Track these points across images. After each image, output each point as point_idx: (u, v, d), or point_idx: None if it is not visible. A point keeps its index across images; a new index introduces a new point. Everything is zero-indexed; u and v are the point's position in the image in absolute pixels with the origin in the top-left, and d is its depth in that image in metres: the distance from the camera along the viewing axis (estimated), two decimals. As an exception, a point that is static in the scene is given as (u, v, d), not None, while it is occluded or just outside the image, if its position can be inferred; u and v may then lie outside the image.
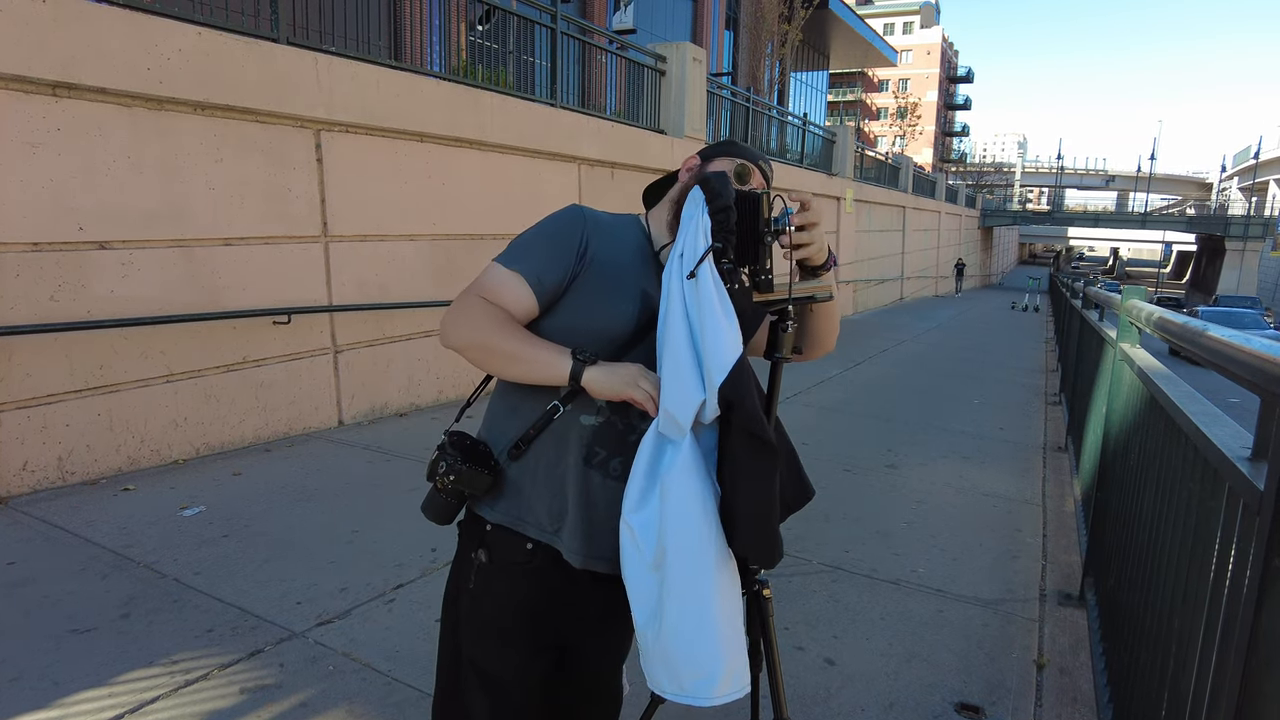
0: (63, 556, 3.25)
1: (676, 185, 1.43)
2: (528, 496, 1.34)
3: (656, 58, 9.54)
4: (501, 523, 1.35)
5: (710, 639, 1.25)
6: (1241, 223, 42.97)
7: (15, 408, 3.91)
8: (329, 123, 5.29)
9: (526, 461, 1.34)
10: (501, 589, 1.37)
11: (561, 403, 1.30)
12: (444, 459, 1.31)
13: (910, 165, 23.72)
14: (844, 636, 2.91)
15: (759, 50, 21.37)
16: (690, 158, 1.44)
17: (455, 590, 1.43)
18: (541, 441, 1.33)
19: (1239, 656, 1.07)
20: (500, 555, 1.36)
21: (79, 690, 2.33)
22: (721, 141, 1.47)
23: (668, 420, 1.21)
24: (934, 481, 4.97)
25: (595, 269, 1.33)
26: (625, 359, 1.32)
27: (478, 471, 1.31)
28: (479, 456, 1.34)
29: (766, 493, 1.28)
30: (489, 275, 1.33)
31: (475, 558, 1.37)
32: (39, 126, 3.90)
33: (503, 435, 1.38)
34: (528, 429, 1.33)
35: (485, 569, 1.36)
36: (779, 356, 1.52)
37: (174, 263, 4.52)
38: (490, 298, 1.31)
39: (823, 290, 1.37)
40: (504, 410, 1.40)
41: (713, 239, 1.21)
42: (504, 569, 1.36)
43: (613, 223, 1.42)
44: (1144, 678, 1.84)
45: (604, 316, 1.32)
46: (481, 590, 1.37)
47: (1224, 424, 1.53)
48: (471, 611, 1.38)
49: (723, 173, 1.28)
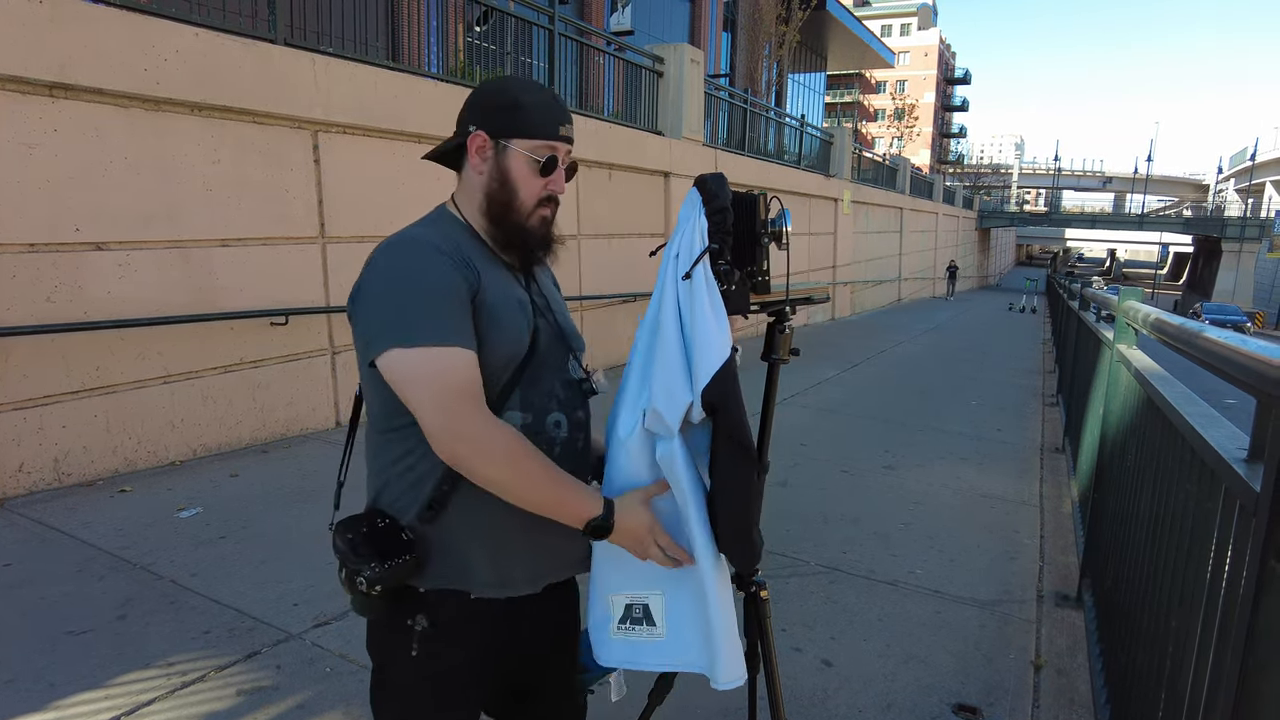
0: (59, 558, 3.25)
1: (469, 168, 1.24)
2: (461, 555, 1.19)
3: (654, 59, 9.55)
4: (438, 587, 1.19)
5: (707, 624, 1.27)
6: (1238, 224, 43.10)
7: (12, 409, 3.90)
8: (326, 124, 5.29)
9: (447, 519, 1.18)
10: (451, 651, 1.22)
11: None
12: (360, 571, 1.11)
13: (908, 167, 23.76)
14: (841, 638, 2.91)
15: (757, 52, 21.39)
16: (477, 134, 1.21)
17: (384, 662, 1.26)
18: (459, 494, 1.17)
19: (1236, 657, 1.08)
20: (444, 616, 1.20)
21: (75, 692, 2.32)
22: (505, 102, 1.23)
23: (655, 419, 1.21)
24: (932, 483, 4.97)
25: (483, 304, 1.17)
26: (527, 375, 1.22)
27: (402, 563, 1.13)
28: (392, 545, 1.14)
29: (746, 497, 1.28)
30: (441, 365, 1.10)
31: (414, 624, 1.19)
32: (36, 127, 3.89)
33: (404, 496, 1.19)
34: (436, 486, 1.16)
35: (427, 634, 1.19)
36: (776, 358, 1.52)
37: (171, 264, 4.52)
38: (469, 392, 1.12)
39: (820, 291, 1.37)
40: (392, 463, 1.20)
41: (710, 240, 1.21)
42: (450, 629, 1.21)
43: (454, 239, 1.20)
44: (1141, 679, 1.84)
45: (507, 344, 1.19)
46: (426, 655, 1.21)
47: (1221, 425, 1.53)
48: (414, 682, 1.22)
49: (720, 174, 1.27)
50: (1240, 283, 41.39)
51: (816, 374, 8.84)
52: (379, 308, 1.13)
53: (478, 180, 1.24)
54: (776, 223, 1.28)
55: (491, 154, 1.22)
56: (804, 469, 5.08)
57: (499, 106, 1.22)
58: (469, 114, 1.24)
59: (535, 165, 1.23)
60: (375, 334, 1.12)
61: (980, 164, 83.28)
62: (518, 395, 1.21)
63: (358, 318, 1.17)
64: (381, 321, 1.12)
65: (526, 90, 1.24)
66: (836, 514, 4.27)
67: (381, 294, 1.13)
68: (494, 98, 1.23)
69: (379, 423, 1.21)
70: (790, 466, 5.08)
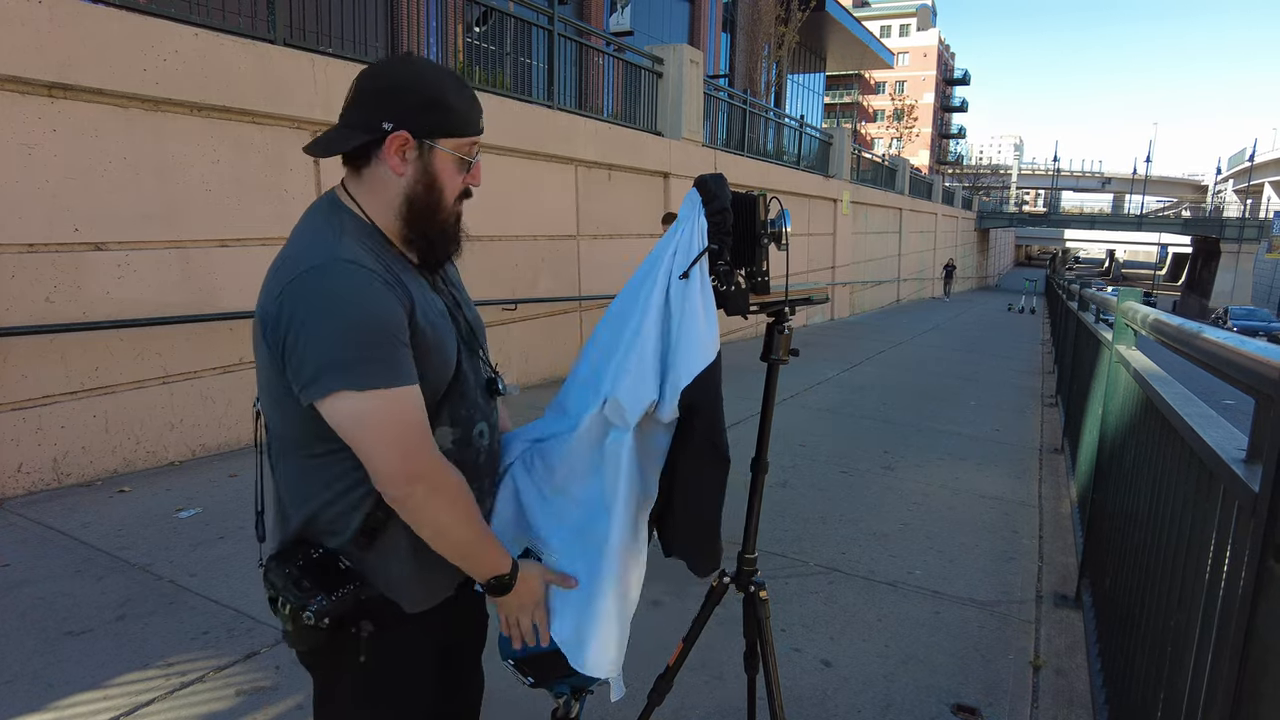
0: (58, 558, 3.24)
1: (384, 168, 1.14)
2: (401, 576, 1.17)
3: (653, 59, 9.55)
4: (382, 595, 1.17)
5: (590, 604, 1.25)
6: (1236, 225, 43.14)
7: (11, 409, 3.89)
8: (326, 124, 5.27)
9: (384, 544, 1.15)
10: (405, 648, 1.21)
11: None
12: (305, 606, 1.06)
13: (907, 167, 23.78)
14: (840, 638, 2.91)
15: (756, 52, 21.39)
16: (398, 134, 1.11)
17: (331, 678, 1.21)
18: (395, 519, 1.12)
19: (1234, 657, 1.08)
20: (389, 619, 1.17)
21: (74, 692, 2.32)
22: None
23: (615, 409, 1.21)
24: (931, 483, 4.97)
25: (418, 328, 1.11)
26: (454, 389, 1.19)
27: (348, 592, 1.10)
28: (333, 576, 1.11)
29: (715, 501, 1.28)
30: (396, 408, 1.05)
31: (359, 632, 1.14)
32: (35, 127, 3.89)
33: (336, 523, 1.14)
34: (372, 512, 1.12)
35: (376, 638, 1.16)
36: (775, 359, 1.53)
37: (170, 264, 4.51)
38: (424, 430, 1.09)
39: (819, 292, 1.37)
40: (323, 487, 1.13)
41: (710, 241, 1.21)
42: (400, 629, 1.18)
43: (376, 252, 1.12)
44: (1140, 679, 1.85)
45: (441, 366, 1.16)
46: (380, 662, 1.17)
47: (1219, 426, 1.53)
48: (370, 688, 1.19)
49: (720, 175, 1.27)
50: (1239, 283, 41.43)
51: (815, 374, 8.84)
52: (320, 345, 1.03)
53: (397, 182, 1.14)
54: (776, 223, 1.28)
55: (416, 155, 1.13)
56: (803, 469, 5.08)
57: (423, 105, 1.12)
58: (382, 109, 1.11)
59: (462, 164, 1.17)
60: (317, 374, 1.03)
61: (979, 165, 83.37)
62: (446, 411, 1.18)
63: (291, 352, 1.05)
64: (326, 361, 1.03)
65: (443, 82, 1.14)
66: (835, 514, 4.27)
67: (322, 330, 1.03)
68: (414, 94, 1.12)
69: (301, 448, 1.13)
70: (789, 467, 5.09)
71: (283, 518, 1.18)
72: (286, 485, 1.17)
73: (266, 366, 1.11)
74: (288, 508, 1.17)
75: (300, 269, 1.06)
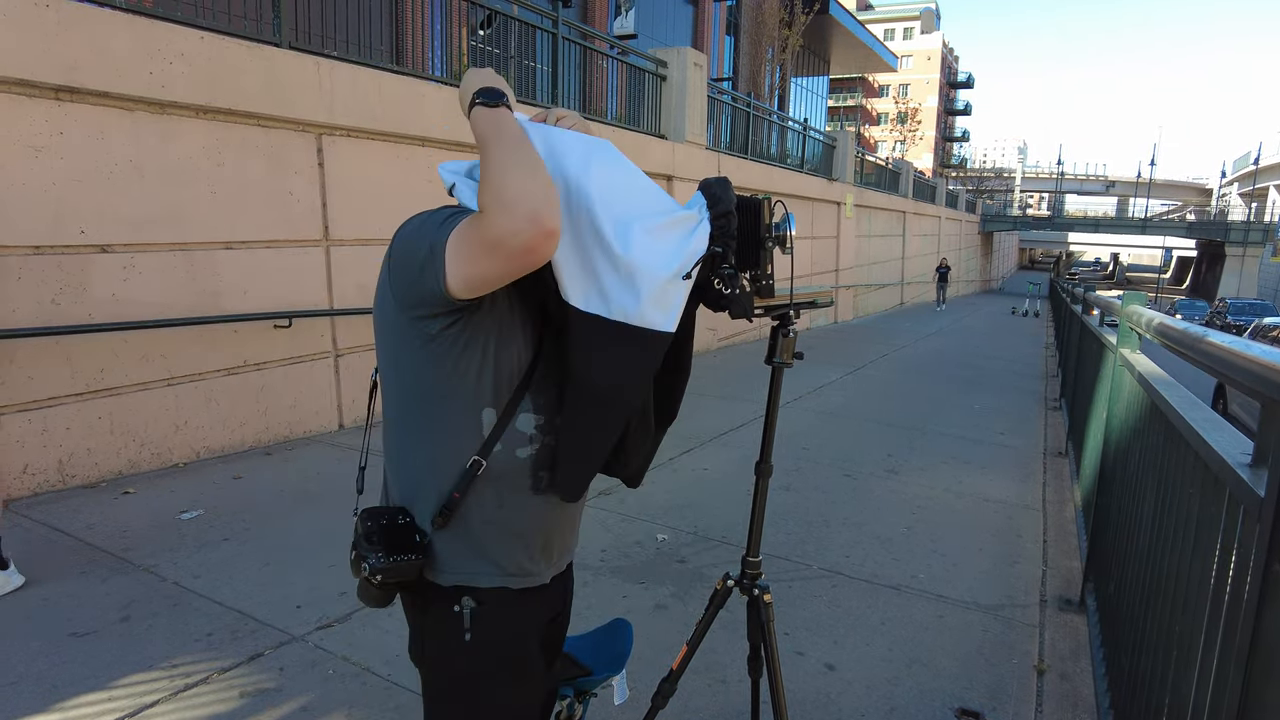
0: (63, 560, 3.25)
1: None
2: (479, 554, 1.20)
3: (657, 63, 9.57)
4: (462, 583, 1.20)
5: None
6: (1241, 228, 43.03)
7: (16, 410, 3.91)
8: (330, 127, 5.30)
9: (462, 524, 1.18)
10: (511, 618, 1.23)
11: (482, 455, 1.15)
12: (365, 558, 1.13)
13: (910, 170, 23.76)
14: (844, 642, 2.91)
15: (759, 55, 21.41)
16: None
17: (443, 655, 1.23)
18: (473, 499, 1.17)
19: (1239, 662, 1.07)
20: (486, 593, 1.21)
21: (78, 694, 2.33)
22: None
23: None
24: (934, 486, 4.97)
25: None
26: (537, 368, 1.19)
27: (406, 560, 1.14)
28: (404, 542, 1.16)
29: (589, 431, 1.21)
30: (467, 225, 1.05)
31: (461, 609, 1.19)
32: (42, 130, 3.91)
33: (428, 496, 1.19)
34: (449, 492, 1.16)
35: (480, 612, 1.20)
36: (779, 362, 1.53)
37: (175, 266, 4.53)
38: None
39: (824, 295, 1.37)
40: (421, 463, 1.19)
41: (714, 244, 1.21)
42: (496, 603, 1.21)
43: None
44: (1144, 684, 1.84)
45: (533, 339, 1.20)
46: (485, 636, 1.21)
47: (1225, 430, 1.53)
48: (481, 663, 1.22)
49: (724, 178, 1.27)
50: (1244, 287, 41.31)
51: (819, 377, 8.84)
52: (421, 229, 1.11)
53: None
54: (780, 227, 1.28)
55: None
56: (806, 472, 5.08)
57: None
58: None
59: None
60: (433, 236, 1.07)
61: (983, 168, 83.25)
62: (529, 397, 1.18)
63: (407, 257, 1.11)
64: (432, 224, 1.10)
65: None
66: (839, 517, 4.27)
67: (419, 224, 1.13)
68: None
69: (407, 415, 1.19)
70: (793, 470, 5.08)
71: (386, 482, 1.27)
72: (396, 458, 1.23)
73: (391, 312, 1.17)
74: (389, 475, 1.26)
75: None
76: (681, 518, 4.08)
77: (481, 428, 1.15)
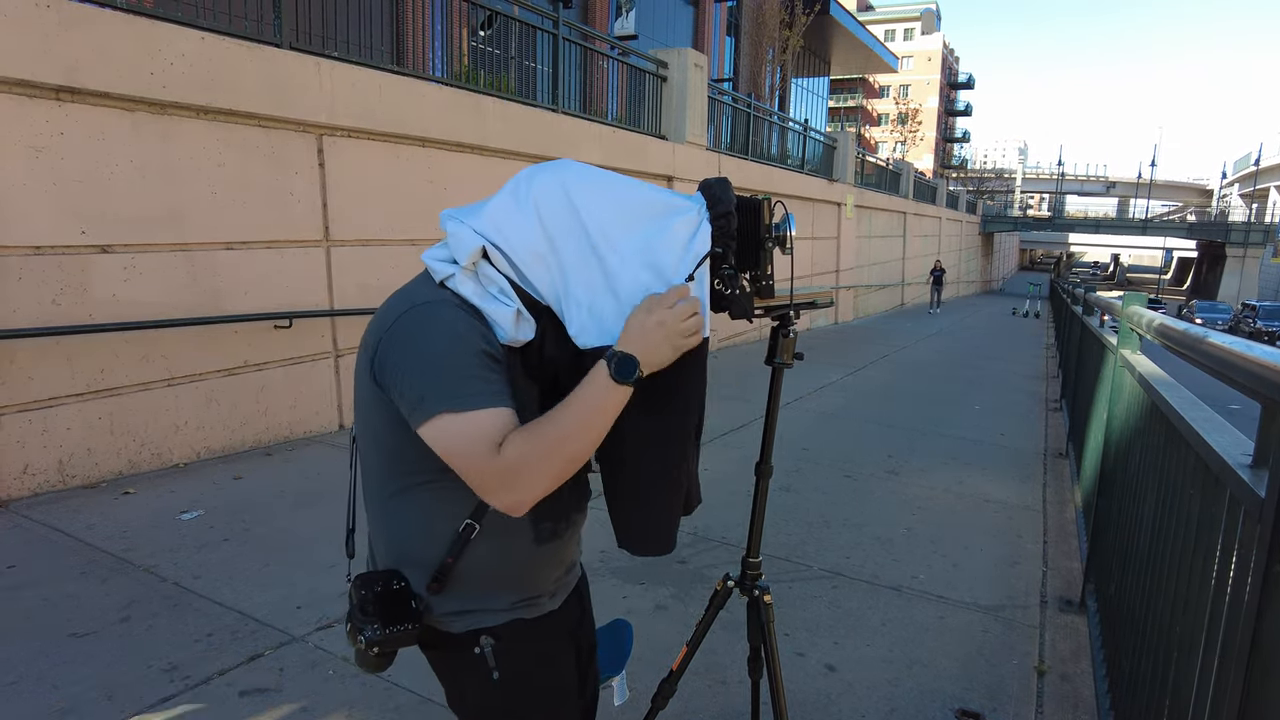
0: (63, 560, 3.25)
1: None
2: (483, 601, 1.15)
3: (658, 63, 9.57)
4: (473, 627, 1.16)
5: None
6: (1242, 229, 43.06)
7: (17, 411, 3.91)
8: (331, 127, 5.30)
9: (458, 583, 1.13)
10: (535, 647, 1.20)
11: (475, 520, 1.10)
12: (360, 629, 1.08)
13: (911, 171, 23.75)
14: (845, 643, 2.91)
15: (760, 56, 21.42)
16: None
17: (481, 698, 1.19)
18: (469, 559, 1.12)
19: (1240, 664, 1.07)
20: (506, 630, 1.17)
21: (78, 694, 2.33)
22: None
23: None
24: (935, 487, 4.96)
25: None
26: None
27: (403, 630, 1.10)
28: (399, 611, 1.11)
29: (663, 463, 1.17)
30: (480, 429, 1.00)
31: (481, 649, 1.15)
32: (43, 130, 3.91)
33: (418, 563, 1.13)
34: (443, 558, 1.11)
35: (500, 648, 1.16)
36: (779, 363, 1.53)
37: (176, 266, 4.53)
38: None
39: (824, 296, 1.37)
40: (407, 533, 1.14)
41: (713, 244, 1.21)
42: (517, 635, 1.17)
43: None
44: (1145, 685, 1.84)
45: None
46: (513, 669, 1.17)
47: (1225, 431, 1.53)
48: (517, 698, 1.19)
49: (724, 178, 1.27)
50: (1244, 287, 41.32)
51: (819, 378, 8.84)
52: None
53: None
54: (780, 227, 1.28)
55: None
56: (807, 473, 5.08)
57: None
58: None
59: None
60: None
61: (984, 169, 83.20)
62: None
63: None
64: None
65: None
66: (839, 518, 4.26)
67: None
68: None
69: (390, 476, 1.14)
70: (793, 471, 5.08)
71: (371, 544, 1.22)
72: (376, 523, 1.18)
73: (370, 393, 1.11)
74: (374, 543, 1.20)
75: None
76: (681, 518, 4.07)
77: (473, 493, 1.06)
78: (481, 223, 1.10)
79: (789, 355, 1.50)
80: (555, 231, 1.08)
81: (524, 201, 1.09)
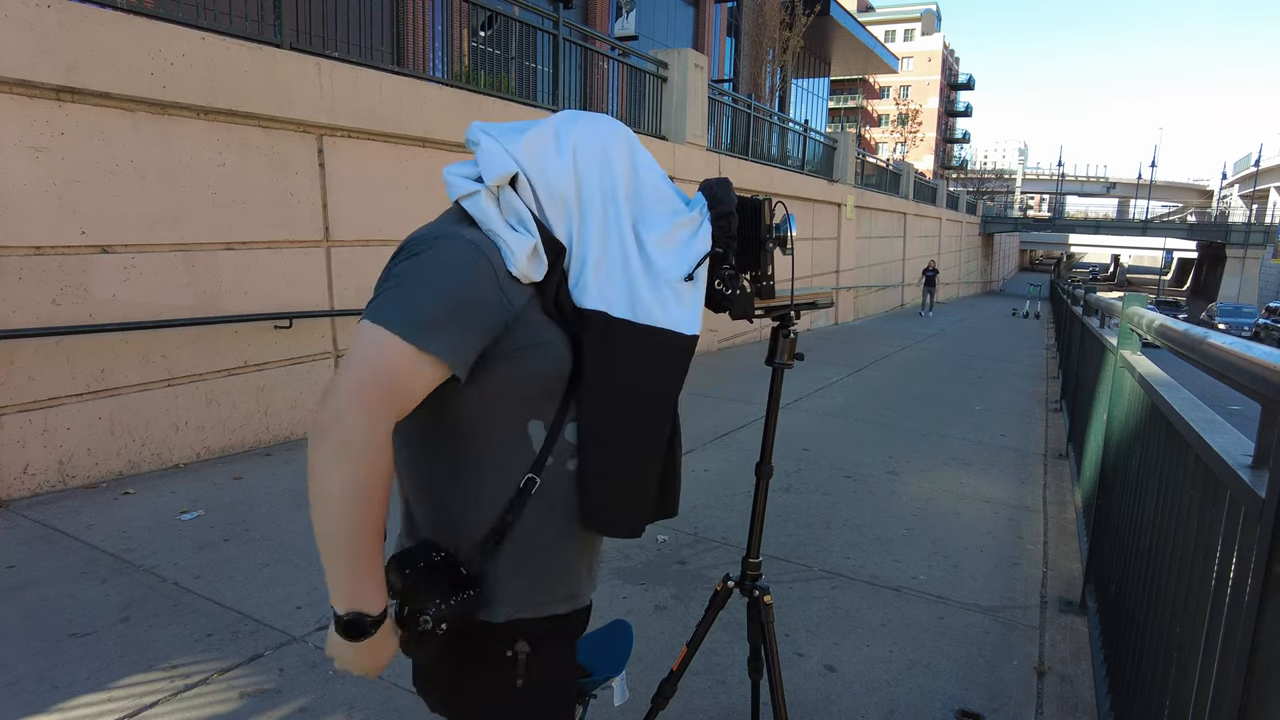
0: (63, 560, 3.25)
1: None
2: (534, 581, 1.10)
3: (658, 64, 9.57)
4: (518, 616, 1.10)
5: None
6: (1242, 230, 43.07)
7: (16, 411, 3.91)
8: (331, 127, 5.30)
9: (513, 548, 1.07)
10: (561, 651, 1.16)
11: (534, 473, 1.05)
12: (424, 610, 0.99)
13: (911, 172, 23.76)
14: (844, 643, 2.91)
15: (760, 57, 21.44)
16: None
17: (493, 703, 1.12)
18: (528, 519, 1.06)
19: (1240, 664, 1.07)
20: (538, 635, 1.11)
21: (78, 694, 2.33)
22: None
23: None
24: (935, 488, 4.96)
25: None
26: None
27: (469, 596, 1.02)
28: (456, 577, 1.03)
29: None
30: (391, 366, 0.92)
31: (515, 653, 1.09)
32: (43, 131, 3.91)
33: (464, 526, 1.07)
34: (499, 515, 1.05)
35: (533, 657, 1.10)
36: (779, 363, 1.53)
37: (176, 267, 4.53)
38: (389, 390, 0.93)
39: (824, 296, 1.37)
40: (450, 485, 1.06)
41: (714, 244, 1.21)
42: (547, 644, 1.12)
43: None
44: (1145, 686, 1.84)
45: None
46: (537, 677, 1.12)
47: (1225, 431, 1.53)
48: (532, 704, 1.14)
49: (725, 179, 1.27)
50: (1245, 288, 41.32)
51: (820, 378, 8.84)
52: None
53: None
54: (781, 228, 1.28)
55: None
56: (807, 474, 5.08)
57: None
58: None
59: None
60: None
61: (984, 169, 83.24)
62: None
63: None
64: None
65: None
66: (839, 519, 4.26)
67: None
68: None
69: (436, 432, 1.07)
70: (793, 471, 5.08)
71: (408, 516, 1.14)
72: (411, 482, 1.11)
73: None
74: (412, 505, 1.12)
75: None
76: (682, 519, 4.08)
77: (531, 443, 1.04)
78: (517, 147, 1.06)
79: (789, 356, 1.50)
80: (585, 185, 1.07)
81: (563, 144, 1.07)
